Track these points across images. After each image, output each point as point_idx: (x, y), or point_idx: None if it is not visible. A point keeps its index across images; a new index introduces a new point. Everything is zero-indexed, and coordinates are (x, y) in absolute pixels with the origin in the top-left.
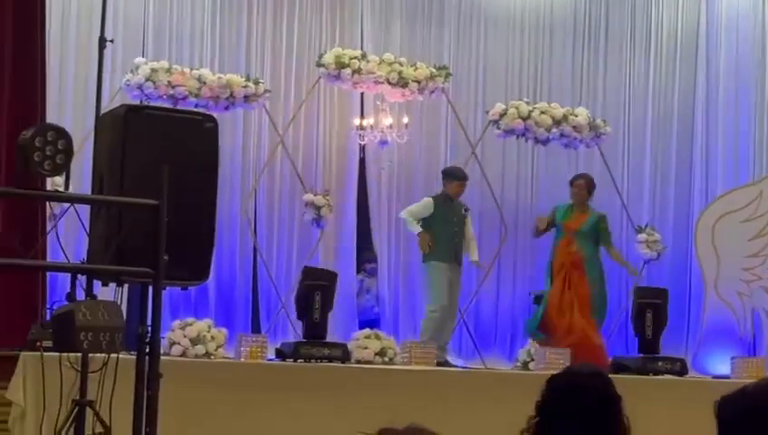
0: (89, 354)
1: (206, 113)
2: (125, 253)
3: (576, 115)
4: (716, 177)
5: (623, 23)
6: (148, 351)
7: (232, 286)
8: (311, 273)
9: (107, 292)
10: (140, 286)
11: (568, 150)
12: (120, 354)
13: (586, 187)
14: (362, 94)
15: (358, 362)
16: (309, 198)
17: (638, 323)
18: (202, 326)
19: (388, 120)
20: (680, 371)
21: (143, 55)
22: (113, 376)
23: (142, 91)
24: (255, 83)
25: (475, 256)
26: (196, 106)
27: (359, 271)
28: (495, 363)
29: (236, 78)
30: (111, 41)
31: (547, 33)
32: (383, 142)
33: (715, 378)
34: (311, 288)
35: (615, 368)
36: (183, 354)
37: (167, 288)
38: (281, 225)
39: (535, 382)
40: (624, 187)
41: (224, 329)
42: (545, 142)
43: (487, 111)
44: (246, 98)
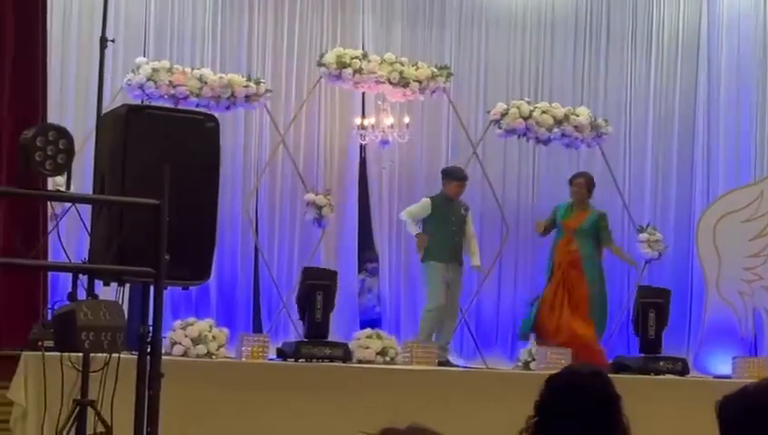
0: (90, 354)
1: (208, 113)
2: (126, 253)
3: (577, 115)
4: (718, 177)
5: (624, 23)
6: (149, 350)
7: (233, 286)
8: (311, 273)
9: (108, 292)
10: (142, 286)
11: (569, 150)
12: (122, 354)
13: (585, 185)
14: (363, 94)
15: (359, 361)
16: (310, 197)
17: (639, 322)
18: (203, 326)
19: (389, 120)
20: (681, 370)
21: (144, 55)
22: (115, 376)
23: (143, 91)
24: (257, 83)
25: (476, 261)
26: (198, 106)
27: (360, 271)
28: (496, 363)
29: (238, 78)
30: (113, 40)
31: (548, 33)
32: (384, 142)
33: (717, 378)
34: (312, 288)
35: (616, 368)
36: (184, 354)
37: (168, 288)
38: (282, 224)
39: (536, 382)
40: (625, 187)
41: (225, 329)
42: (546, 142)
43: (488, 111)
44: (248, 98)
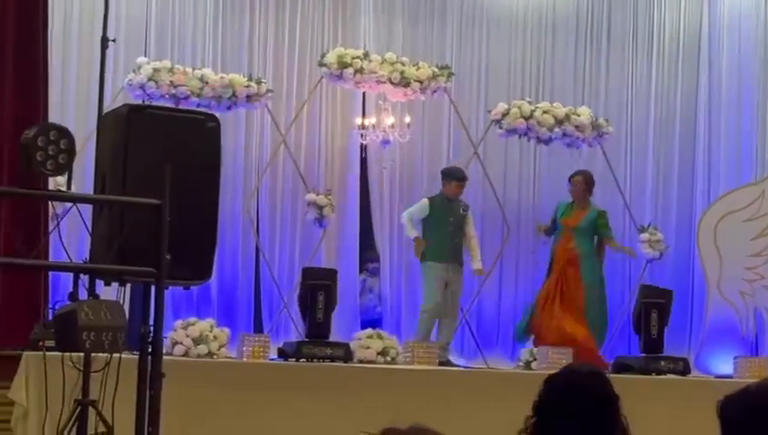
0: (91, 354)
1: (209, 113)
2: (127, 252)
3: (578, 115)
4: (719, 176)
5: (625, 23)
6: (150, 350)
7: (234, 286)
8: (311, 273)
9: (109, 291)
10: (143, 286)
11: (570, 150)
12: (123, 354)
13: (584, 183)
14: (364, 94)
15: (360, 361)
16: (311, 197)
17: (640, 321)
18: (204, 326)
19: (390, 120)
20: (683, 370)
21: (145, 55)
22: (116, 376)
23: (144, 91)
24: (258, 83)
25: (477, 265)
26: (199, 106)
27: (361, 271)
28: (497, 363)
29: (239, 78)
30: (114, 40)
31: (549, 33)
32: (385, 142)
33: (718, 377)
34: (313, 288)
35: (617, 367)
36: (185, 354)
37: (169, 288)
38: (283, 224)
39: (537, 382)
40: (626, 186)
41: (226, 329)
42: (548, 142)
43: (490, 111)
44: (249, 98)
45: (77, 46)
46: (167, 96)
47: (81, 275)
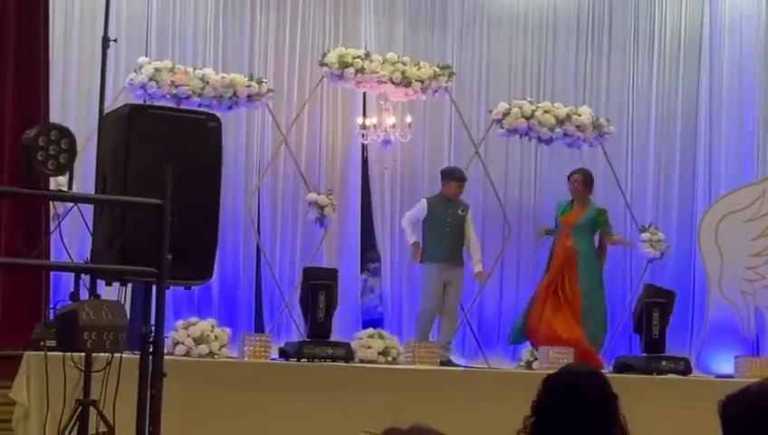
0: (92, 354)
1: (210, 113)
2: (128, 252)
3: (579, 114)
4: (720, 176)
5: (626, 22)
6: (151, 350)
7: (235, 286)
8: (312, 273)
9: (110, 291)
10: (144, 286)
11: (571, 150)
12: (124, 354)
13: (582, 181)
14: (365, 94)
15: (361, 361)
16: (312, 197)
17: (642, 321)
18: (205, 326)
19: (391, 120)
20: (684, 370)
21: (146, 55)
22: (117, 376)
23: (145, 91)
24: (259, 83)
25: (477, 268)
26: (200, 105)
27: (362, 270)
28: (499, 363)
29: (240, 78)
30: (115, 40)
31: (550, 33)
32: (386, 142)
33: (719, 377)
34: (314, 288)
35: (618, 367)
36: (187, 354)
37: (170, 288)
38: (284, 224)
39: (538, 382)
40: (627, 186)
41: (227, 328)
42: (548, 142)
43: (490, 111)
44: (250, 97)
45: (78, 46)
46: (168, 96)
47: (83, 275)
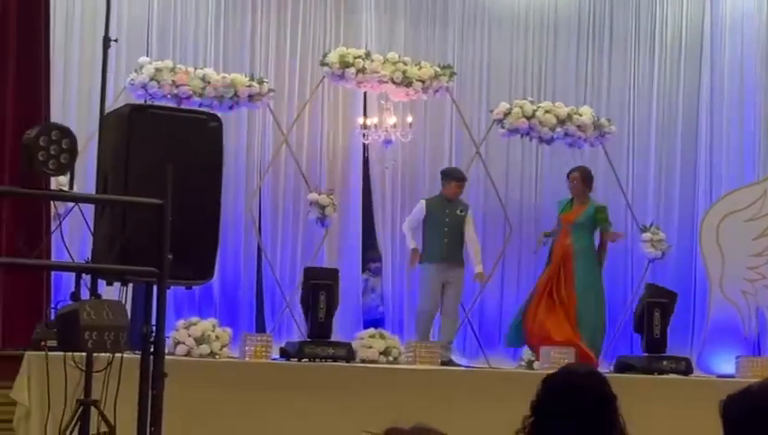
0: (93, 354)
1: (211, 113)
2: (129, 252)
3: (580, 114)
4: (721, 176)
5: (627, 22)
6: (152, 350)
7: (236, 286)
8: (313, 273)
9: (111, 291)
10: (145, 286)
11: (572, 150)
12: (125, 354)
13: (581, 178)
14: (366, 94)
15: (362, 361)
16: (313, 197)
17: (643, 320)
18: (206, 326)
19: (392, 120)
20: (685, 370)
21: (147, 55)
22: (118, 376)
23: (146, 91)
24: (260, 83)
25: (477, 269)
26: (201, 105)
27: (363, 270)
28: (500, 363)
29: (240, 77)
30: (116, 40)
31: (551, 33)
32: (387, 142)
33: (720, 377)
34: (315, 288)
35: (620, 367)
36: (187, 354)
37: (171, 287)
38: (285, 224)
39: (539, 382)
40: (628, 186)
41: (228, 328)
42: (549, 142)
43: (491, 111)
44: (251, 97)
45: (79, 46)
46: (169, 96)
47: (84, 275)
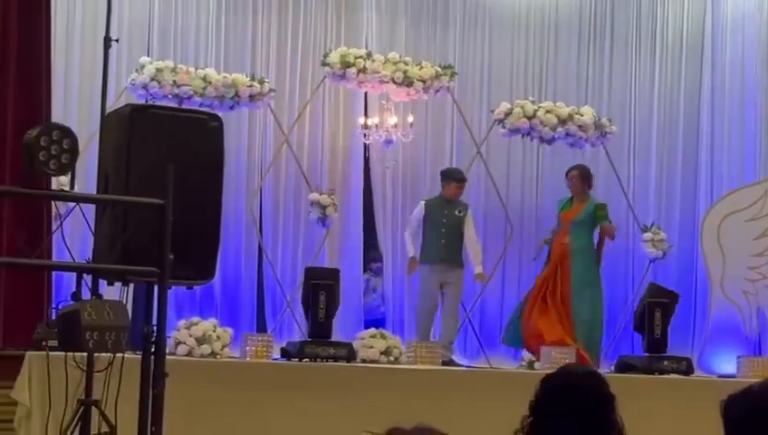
0: (94, 354)
1: (212, 113)
2: (130, 252)
3: (581, 114)
4: (722, 177)
5: (628, 22)
6: (153, 350)
7: (237, 286)
8: (313, 273)
9: (112, 291)
10: (146, 286)
11: (573, 150)
12: (126, 354)
13: (580, 176)
14: (367, 94)
15: (363, 361)
16: (314, 197)
17: (644, 320)
18: (207, 326)
19: (393, 120)
20: (686, 370)
21: (148, 55)
22: (119, 375)
23: (147, 91)
24: (260, 83)
25: (477, 269)
26: (202, 105)
27: (364, 270)
28: (500, 363)
29: (241, 77)
30: (117, 40)
31: (552, 33)
32: (388, 141)
33: (721, 377)
34: (316, 288)
35: (620, 367)
36: (189, 354)
37: (172, 287)
38: (286, 224)
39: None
40: (630, 186)
41: (229, 328)
42: (550, 142)
43: (492, 111)
44: (251, 97)
45: (80, 46)
46: (169, 96)
47: (85, 275)
